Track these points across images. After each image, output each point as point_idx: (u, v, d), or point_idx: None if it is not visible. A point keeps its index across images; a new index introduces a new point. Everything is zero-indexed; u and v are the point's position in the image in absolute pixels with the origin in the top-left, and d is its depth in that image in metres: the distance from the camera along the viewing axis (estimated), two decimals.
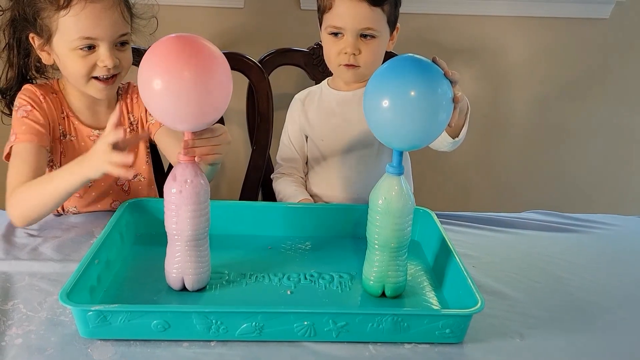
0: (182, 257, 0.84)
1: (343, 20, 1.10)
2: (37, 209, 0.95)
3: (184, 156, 0.82)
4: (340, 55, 1.12)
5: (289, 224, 1.05)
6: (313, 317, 0.74)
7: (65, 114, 1.08)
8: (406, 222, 0.85)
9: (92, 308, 0.72)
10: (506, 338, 0.82)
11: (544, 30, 1.84)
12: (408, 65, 0.81)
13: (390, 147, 0.84)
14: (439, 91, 0.80)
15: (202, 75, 0.77)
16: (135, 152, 1.12)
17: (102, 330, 0.73)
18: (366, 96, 0.84)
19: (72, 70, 1.00)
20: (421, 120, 0.79)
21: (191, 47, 0.78)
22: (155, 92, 0.77)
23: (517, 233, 1.15)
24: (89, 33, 0.96)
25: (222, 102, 0.81)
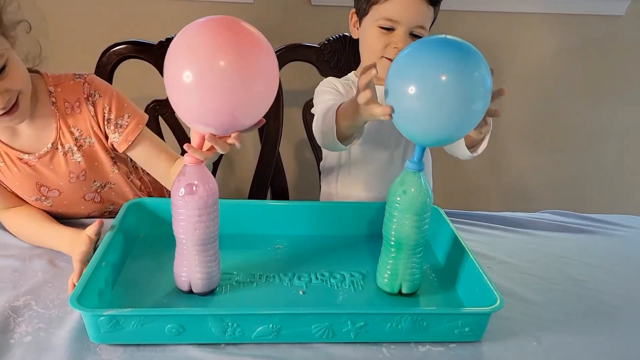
0: (190, 260, 0.81)
1: (400, 15, 1.05)
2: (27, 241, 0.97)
3: (191, 158, 0.77)
4: (388, 48, 1.08)
5: (297, 222, 1.03)
6: (332, 318, 0.72)
7: None
8: (424, 220, 0.83)
9: (104, 313, 0.69)
10: (523, 339, 0.80)
11: (558, 28, 1.82)
12: (438, 46, 0.73)
13: (414, 141, 0.79)
14: (476, 75, 0.71)
15: (242, 66, 0.67)
16: (96, 166, 1.02)
17: (114, 335, 0.71)
18: (389, 81, 0.76)
19: None
20: (453, 110, 0.71)
21: (228, 32, 0.67)
22: (184, 86, 0.67)
23: (532, 233, 1.13)
24: None
25: (265, 99, 0.72)
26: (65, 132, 0.97)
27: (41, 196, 1.00)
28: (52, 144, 0.96)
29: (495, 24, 1.79)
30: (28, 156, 0.96)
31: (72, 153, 0.98)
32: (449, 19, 1.74)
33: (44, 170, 0.97)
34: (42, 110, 0.95)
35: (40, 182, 0.98)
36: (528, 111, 1.93)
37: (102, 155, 1.01)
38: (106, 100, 0.97)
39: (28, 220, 0.97)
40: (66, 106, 0.96)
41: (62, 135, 0.97)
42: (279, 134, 1.40)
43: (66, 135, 0.97)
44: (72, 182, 1.00)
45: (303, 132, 1.43)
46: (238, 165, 1.81)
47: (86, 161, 1.00)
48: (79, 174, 1.00)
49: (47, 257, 0.92)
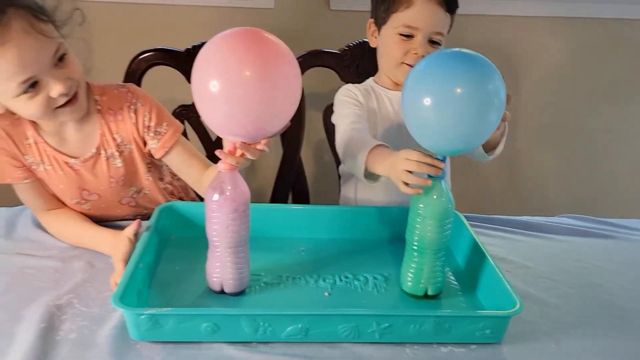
0: (222, 262, 0.85)
1: (420, 22, 1.09)
2: (66, 241, 1.02)
3: (224, 164, 0.81)
4: (408, 55, 1.11)
5: (320, 226, 1.06)
6: (357, 319, 0.76)
7: (32, 140, 0.99)
8: (446, 225, 0.86)
9: (145, 312, 0.73)
10: (542, 342, 0.83)
11: (574, 31, 1.84)
12: (453, 59, 0.76)
13: (431, 150, 0.83)
14: (490, 87, 0.74)
15: (266, 76, 0.70)
16: (134, 172, 1.07)
17: (153, 333, 0.75)
18: (405, 93, 0.80)
19: (30, 114, 0.92)
20: (468, 121, 0.75)
21: (253, 43, 0.71)
22: (210, 95, 0.71)
23: (550, 238, 1.15)
24: (22, 77, 0.85)
25: (289, 107, 0.75)
26: (109, 138, 1.02)
27: (81, 199, 1.05)
28: (95, 149, 1.02)
29: (511, 27, 1.81)
30: (74, 160, 1.01)
31: (114, 158, 1.03)
32: (465, 23, 1.76)
33: (87, 175, 1.03)
34: (88, 116, 1.00)
35: (83, 186, 1.04)
36: (545, 114, 1.94)
37: (139, 161, 1.06)
38: (147, 108, 1.02)
39: (68, 222, 1.02)
40: (110, 114, 1.02)
41: (105, 141, 1.02)
42: (301, 139, 1.44)
43: (109, 141, 1.02)
44: (111, 187, 1.05)
45: (323, 134, 1.47)
46: (260, 168, 1.85)
47: (125, 166, 1.05)
48: (118, 179, 1.05)
49: (85, 257, 0.97)
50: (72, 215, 1.04)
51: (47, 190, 1.04)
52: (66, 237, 1.02)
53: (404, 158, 0.85)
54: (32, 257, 0.97)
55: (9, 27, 0.82)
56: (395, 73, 1.16)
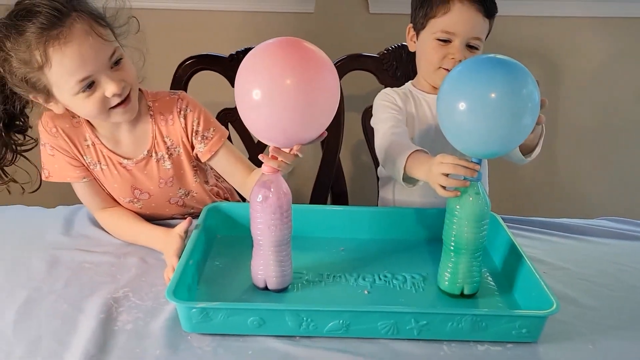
0: (265, 260, 0.89)
1: (458, 27, 1.11)
2: (120, 238, 1.09)
3: (268, 168, 0.85)
4: (446, 59, 1.13)
5: (359, 226, 1.09)
6: (397, 316, 0.79)
7: (90, 142, 1.06)
8: (482, 226, 0.89)
9: (197, 305, 0.78)
10: (578, 343, 0.84)
11: (616, 31, 1.82)
12: (488, 64, 0.79)
13: (466, 154, 0.85)
14: (524, 92, 0.76)
15: (307, 84, 0.73)
16: (182, 174, 1.13)
17: (204, 326, 0.80)
18: (440, 98, 0.83)
19: (86, 112, 0.99)
20: (502, 125, 0.77)
21: (294, 52, 0.74)
22: (254, 103, 0.75)
23: (588, 240, 1.15)
24: (81, 74, 0.91)
25: (328, 114, 0.79)
26: (160, 142, 1.09)
27: (134, 198, 1.12)
28: (147, 151, 1.08)
29: (551, 28, 1.80)
30: (127, 161, 1.08)
31: (164, 160, 1.10)
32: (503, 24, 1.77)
33: (139, 175, 1.10)
34: (142, 121, 1.08)
35: (135, 186, 1.10)
36: (584, 115, 1.92)
37: (187, 164, 1.12)
38: (195, 114, 1.08)
39: (122, 220, 1.09)
40: (161, 118, 1.09)
41: (156, 144, 1.09)
42: (340, 141, 1.48)
43: (160, 144, 1.09)
44: (161, 187, 1.12)
45: (362, 136, 1.50)
46: (299, 170, 1.90)
47: (174, 169, 1.11)
48: (167, 180, 1.11)
49: (138, 254, 1.03)
50: (125, 214, 1.10)
51: (103, 190, 1.11)
52: (120, 234, 1.08)
53: (440, 162, 0.87)
54: (89, 252, 1.03)
55: (72, 28, 0.91)
56: (433, 77, 1.18)
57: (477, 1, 1.11)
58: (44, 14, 0.89)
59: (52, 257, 1.01)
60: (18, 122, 1.02)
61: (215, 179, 1.25)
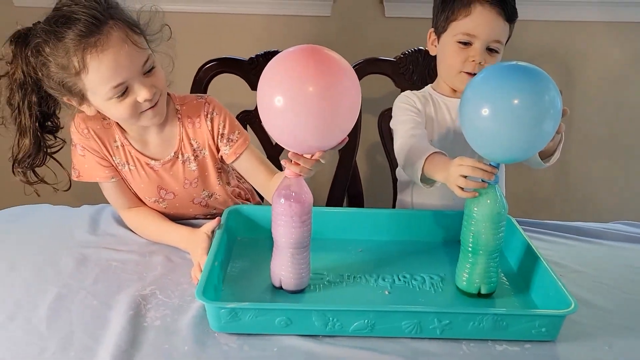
0: (283, 261, 0.91)
1: (479, 30, 1.13)
2: (145, 237, 1.12)
3: (291, 172, 0.87)
4: (467, 62, 1.15)
5: (377, 228, 1.12)
6: (420, 315, 0.82)
7: (120, 143, 1.09)
8: (499, 228, 0.91)
9: (226, 305, 0.81)
10: (594, 343, 0.85)
11: (629, 36, 1.84)
12: (510, 71, 0.80)
13: (487, 158, 0.87)
14: (546, 99, 0.78)
15: (329, 91, 0.75)
16: (206, 176, 1.15)
17: (232, 325, 0.83)
18: (463, 103, 0.85)
19: (118, 116, 1.01)
20: (524, 131, 0.79)
21: (316, 60, 0.76)
22: (276, 110, 0.77)
23: (604, 244, 1.16)
24: (116, 81, 0.95)
25: (350, 121, 0.80)
26: (186, 144, 1.12)
27: (159, 198, 1.15)
28: (174, 152, 1.12)
29: (566, 32, 1.82)
30: (154, 162, 1.11)
31: (189, 162, 1.13)
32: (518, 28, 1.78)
33: (165, 175, 1.13)
34: (169, 123, 1.11)
35: (161, 186, 1.13)
36: (598, 119, 1.94)
37: (211, 166, 1.15)
38: (221, 118, 1.12)
39: (147, 219, 1.12)
40: (189, 121, 1.12)
41: (183, 146, 1.12)
42: (357, 144, 1.50)
43: (186, 146, 1.12)
44: (185, 188, 1.15)
45: (378, 138, 1.52)
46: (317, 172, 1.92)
47: (199, 170, 1.14)
48: (192, 181, 1.14)
49: (163, 252, 1.06)
50: (151, 213, 1.13)
51: (129, 190, 1.14)
52: (145, 233, 1.11)
53: (459, 164, 0.90)
54: (116, 251, 1.06)
55: (110, 36, 0.94)
56: (454, 81, 1.20)
57: (498, 5, 1.12)
58: (82, 22, 0.92)
59: (81, 255, 1.04)
60: (50, 122, 1.06)
61: (237, 180, 1.28)
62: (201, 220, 1.18)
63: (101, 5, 0.95)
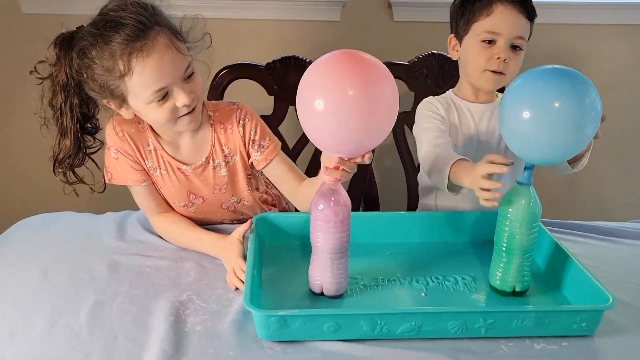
0: (323, 267, 0.91)
1: (502, 27, 1.15)
2: (174, 242, 1.12)
3: (329, 177, 0.87)
4: (491, 61, 1.16)
5: (405, 231, 1.12)
6: (466, 315, 0.83)
7: (152, 147, 1.10)
8: (533, 229, 0.92)
9: (277, 313, 0.80)
10: (631, 340, 0.87)
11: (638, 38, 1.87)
12: (550, 74, 0.82)
13: (526, 160, 0.88)
14: (586, 101, 0.80)
15: (369, 94, 0.75)
16: (236, 182, 1.16)
17: (281, 333, 0.82)
18: (503, 106, 0.86)
19: (156, 120, 1.02)
20: (564, 134, 0.80)
21: (355, 63, 0.77)
22: (316, 114, 0.77)
23: (625, 242, 1.18)
24: (159, 85, 0.96)
25: (388, 123, 0.81)
26: (218, 149, 1.12)
27: (189, 202, 1.15)
28: (205, 158, 1.12)
29: (574, 35, 1.85)
30: (185, 167, 1.12)
31: (220, 168, 1.13)
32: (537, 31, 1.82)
33: (195, 180, 1.13)
34: (202, 129, 1.12)
35: (191, 190, 1.14)
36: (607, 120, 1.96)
37: (241, 172, 1.16)
38: (253, 124, 1.12)
39: (177, 225, 1.12)
40: (221, 127, 1.12)
41: (214, 152, 1.12)
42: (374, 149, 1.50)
43: (218, 152, 1.13)
44: (215, 193, 1.15)
45: (391, 141, 1.53)
46: None
47: (229, 176, 1.14)
48: (221, 187, 1.14)
49: (194, 259, 1.06)
50: (180, 219, 1.13)
51: (159, 194, 1.14)
52: (175, 239, 1.11)
53: (480, 165, 0.91)
54: (147, 257, 1.06)
55: (155, 42, 0.95)
56: (479, 80, 1.20)
57: (518, 3, 1.15)
58: (129, 27, 0.93)
59: (112, 262, 1.04)
60: (89, 124, 1.06)
61: (266, 186, 1.28)
62: (228, 225, 1.18)
63: (148, 11, 0.96)
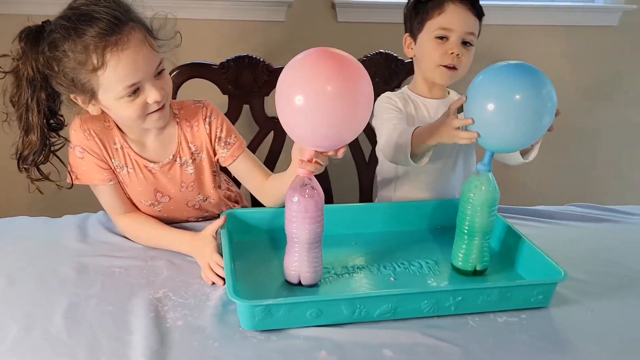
0: (300, 257, 0.94)
1: (453, 24, 1.22)
2: (142, 242, 1.11)
3: (303, 170, 0.90)
4: (445, 56, 1.23)
5: (368, 221, 1.17)
6: (438, 294, 0.89)
7: (119, 145, 1.09)
8: (493, 212, 1.00)
9: (262, 303, 0.82)
10: (579, 310, 0.95)
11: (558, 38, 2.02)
12: (510, 69, 0.89)
13: (488, 148, 0.95)
14: (544, 93, 0.87)
15: (347, 90, 0.79)
16: (202, 179, 1.16)
17: (265, 322, 0.84)
18: (468, 100, 0.93)
19: (126, 116, 1.02)
20: (525, 124, 0.88)
21: (334, 60, 0.80)
22: (296, 109, 0.80)
23: (565, 224, 1.27)
24: (131, 80, 0.96)
25: (365, 118, 0.84)
26: (184, 147, 1.13)
27: (155, 201, 1.14)
28: (172, 155, 1.12)
29: (500, 36, 1.96)
30: (153, 165, 1.12)
31: (187, 165, 1.13)
32: None
33: (163, 178, 1.12)
34: (168, 127, 1.12)
35: (158, 189, 1.13)
36: None
37: (208, 169, 1.17)
38: (219, 122, 1.14)
39: (145, 225, 1.11)
40: (187, 125, 1.13)
41: (181, 149, 1.12)
42: None
43: (185, 149, 1.13)
44: (181, 191, 1.15)
45: None
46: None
47: (196, 173, 1.15)
48: (188, 184, 1.15)
49: (164, 257, 1.06)
50: (147, 218, 1.12)
51: (125, 194, 1.13)
52: (143, 238, 1.10)
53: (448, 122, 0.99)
54: (115, 258, 1.05)
55: (130, 37, 0.95)
56: (434, 75, 1.27)
57: (469, 2, 1.23)
58: (104, 21, 0.93)
59: (79, 264, 1.02)
60: (53, 120, 1.04)
61: (226, 184, 1.29)
62: (193, 223, 1.19)
63: (121, 7, 0.96)
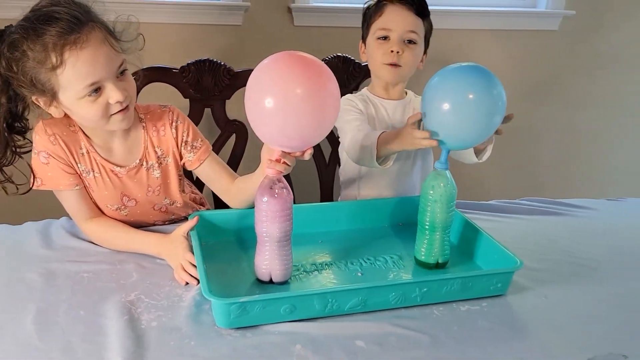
0: (270, 255, 0.96)
1: (392, 24, 1.27)
2: (109, 247, 1.10)
3: (272, 170, 0.92)
4: (386, 54, 1.28)
5: (333, 220, 1.20)
6: (405, 286, 0.93)
7: (85, 150, 1.09)
8: (452, 207, 1.05)
9: (238, 300, 0.84)
10: (534, 296, 1.01)
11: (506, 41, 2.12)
12: (463, 71, 0.95)
13: (445, 147, 1.00)
14: (495, 93, 0.93)
15: (316, 92, 0.82)
16: (168, 183, 1.17)
17: (241, 320, 0.86)
18: (425, 101, 0.98)
19: (88, 116, 1.01)
20: (478, 122, 0.94)
21: (302, 63, 0.83)
22: (266, 111, 0.83)
23: (517, 217, 1.34)
24: (91, 79, 0.96)
25: (333, 119, 0.88)
26: (151, 151, 1.13)
27: (122, 205, 1.14)
28: (139, 160, 1.12)
29: (449, 39, 2.04)
30: (119, 169, 1.12)
31: (153, 169, 1.14)
32: None
33: (129, 183, 1.12)
34: (134, 131, 1.12)
35: (124, 193, 1.13)
36: None
37: (174, 173, 1.17)
38: (185, 126, 1.15)
39: (113, 229, 1.11)
40: (154, 129, 1.14)
41: (147, 153, 1.13)
42: None
43: (151, 153, 1.13)
44: (148, 195, 1.15)
45: None
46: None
47: (162, 177, 1.15)
48: (155, 188, 1.15)
49: (132, 260, 1.06)
50: (114, 222, 1.12)
51: (91, 199, 1.12)
52: (111, 242, 1.09)
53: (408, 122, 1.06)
54: (83, 263, 1.04)
55: (89, 36, 0.96)
56: (381, 73, 1.33)
57: (407, 2, 1.28)
58: (64, 21, 0.93)
59: (46, 271, 1.01)
60: (18, 123, 1.03)
61: (190, 187, 1.30)
62: (160, 227, 1.19)
63: (82, 7, 0.97)
